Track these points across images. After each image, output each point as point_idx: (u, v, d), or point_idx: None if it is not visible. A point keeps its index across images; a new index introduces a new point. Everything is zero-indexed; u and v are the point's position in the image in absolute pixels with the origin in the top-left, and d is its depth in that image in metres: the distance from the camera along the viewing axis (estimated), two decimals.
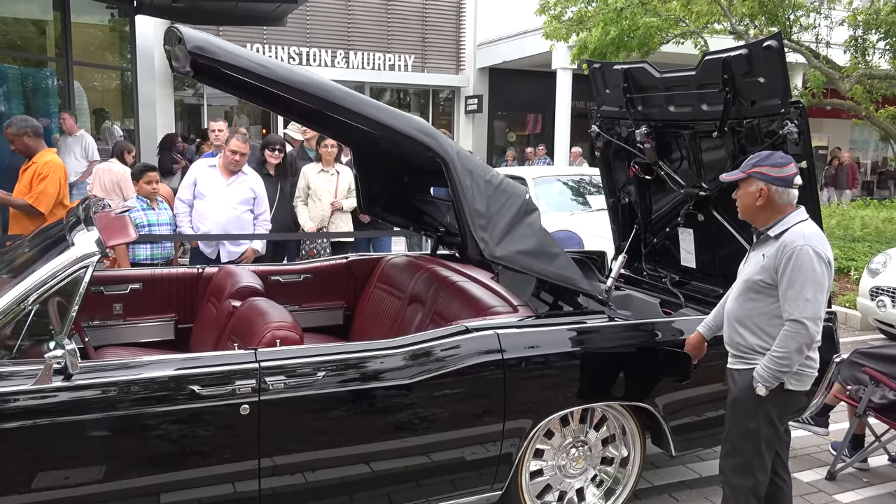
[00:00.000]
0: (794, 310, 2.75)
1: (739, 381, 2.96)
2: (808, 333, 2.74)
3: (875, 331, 6.96)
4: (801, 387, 2.91)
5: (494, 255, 3.13)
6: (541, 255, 3.25)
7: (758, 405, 2.88)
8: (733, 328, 3.02)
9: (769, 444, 2.93)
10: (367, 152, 4.27)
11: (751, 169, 2.89)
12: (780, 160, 2.87)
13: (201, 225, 5.43)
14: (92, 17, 10.71)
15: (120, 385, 2.56)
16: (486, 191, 3.14)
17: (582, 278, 3.39)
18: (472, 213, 3.09)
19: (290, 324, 3.04)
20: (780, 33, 3.35)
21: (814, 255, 2.75)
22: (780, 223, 2.87)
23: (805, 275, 2.74)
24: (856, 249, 9.48)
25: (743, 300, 2.97)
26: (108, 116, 11.35)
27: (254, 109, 17.36)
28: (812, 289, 2.74)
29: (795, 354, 2.77)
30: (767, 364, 2.82)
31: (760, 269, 2.88)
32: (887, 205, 15.59)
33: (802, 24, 11.27)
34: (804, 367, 2.87)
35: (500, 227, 3.15)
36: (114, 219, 3.06)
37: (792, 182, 2.85)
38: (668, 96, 3.83)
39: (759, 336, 2.91)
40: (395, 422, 2.89)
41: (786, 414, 2.98)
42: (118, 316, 4.05)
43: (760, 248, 2.95)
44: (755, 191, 2.89)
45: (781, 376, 2.82)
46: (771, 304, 2.87)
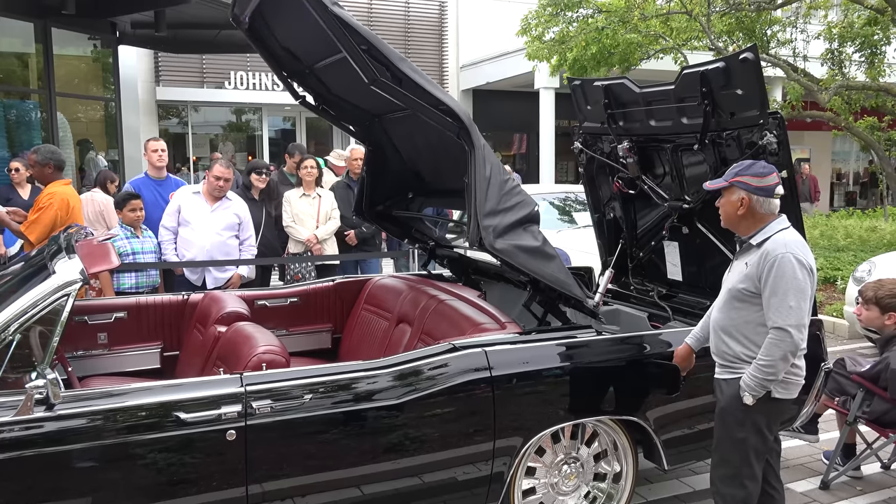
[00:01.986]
0: (778, 318, 2.76)
1: (727, 391, 2.96)
2: (793, 341, 2.74)
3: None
4: (788, 395, 2.91)
5: (494, 246, 3.11)
6: (539, 254, 3.24)
7: (745, 414, 2.88)
8: (719, 338, 3.02)
9: (758, 453, 2.92)
10: (382, 156, 4.27)
11: (733, 178, 2.91)
12: (761, 170, 2.89)
13: (186, 252, 5.40)
14: (74, 48, 10.72)
15: (103, 414, 2.52)
16: (501, 189, 3.15)
17: (575, 284, 3.38)
18: (482, 201, 3.08)
19: (277, 348, 3.02)
20: (755, 45, 3.39)
21: (796, 263, 2.76)
22: (762, 232, 2.89)
23: (788, 282, 2.75)
24: (841, 259, 9.55)
25: (728, 309, 2.98)
26: (92, 147, 11.32)
27: (239, 137, 17.39)
28: (795, 296, 2.75)
29: (781, 362, 2.77)
30: (753, 373, 2.81)
31: (744, 278, 2.89)
32: (870, 214, 15.75)
33: (779, 39, 11.44)
34: (790, 375, 2.87)
35: (505, 223, 3.14)
36: (96, 246, 3.04)
37: (773, 192, 2.87)
38: (649, 111, 3.86)
39: (744, 345, 2.92)
40: (384, 443, 2.86)
41: (774, 422, 2.98)
42: (103, 345, 4.01)
43: (743, 256, 2.96)
44: (737, 200, 2.91)
45: (768, 385, 2.81)
46: (755, 313, 2.87)
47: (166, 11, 9.24)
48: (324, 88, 3.90)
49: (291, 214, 6.36)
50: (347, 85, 3.68)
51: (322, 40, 3.10)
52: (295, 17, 3.25)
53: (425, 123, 3.26)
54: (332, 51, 3.26)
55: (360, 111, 4.06)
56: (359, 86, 3.30)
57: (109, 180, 7.05)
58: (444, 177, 4.09)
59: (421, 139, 3.92)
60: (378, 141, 4.22)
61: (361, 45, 2.92)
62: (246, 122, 17.29)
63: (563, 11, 11.65)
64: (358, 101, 3.93)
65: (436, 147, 3.83)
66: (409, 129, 3.90)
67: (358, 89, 3.57)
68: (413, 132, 3.91)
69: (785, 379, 2.85)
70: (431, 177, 4.24)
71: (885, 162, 10.77)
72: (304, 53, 3.64)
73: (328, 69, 3.60)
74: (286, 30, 3.52)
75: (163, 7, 9.09)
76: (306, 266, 6.31)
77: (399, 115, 3.85)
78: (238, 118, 17.25)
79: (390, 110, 3.83)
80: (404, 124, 3.90)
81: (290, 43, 3.62)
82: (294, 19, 3.29)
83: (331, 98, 3.98)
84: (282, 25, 3.50)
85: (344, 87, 3.77)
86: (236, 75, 15.57)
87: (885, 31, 10.58)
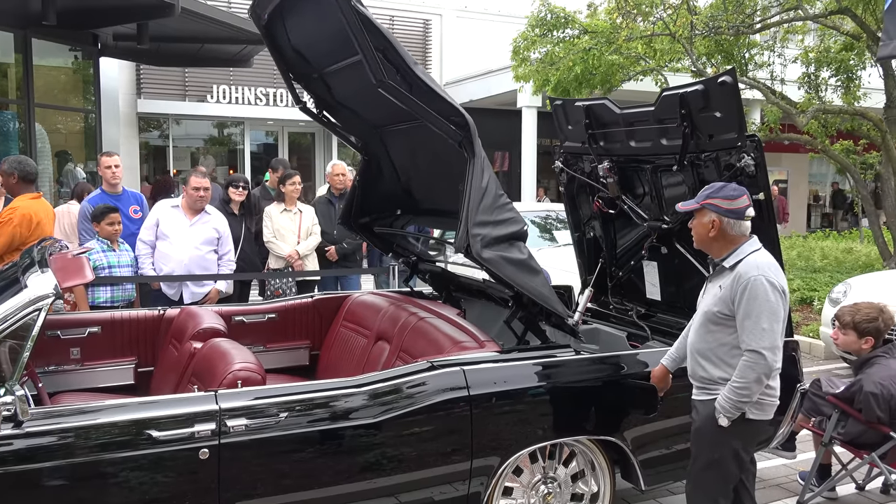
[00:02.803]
0: (752, 340, 2.77)
1: (702, 412, 2.97)
2: (767, 363, 2.75)
3: (838, 360, 7.05)
4: (764, 416, 2.91)
5: (481, 255, 3.08)
6: (525, 267, 3.22)
7: (721, 436, 2.88)
8: (695, 361, 3.03)
9: (733, 474, 2.93)
10: (377, 168, 4.27)
11: (704, 200, 2.93)
12: (732, 192, 2.91)
13: (164, 266, 5.35)
14: (55, 59, 10.64)
15: (73, 431, 2.47)
16: (494, 202, 3.15)
17: (558, 301, 3.38)
18: (475, 210, 3.07)
19: (253, 365, 2.98)
20: (734, 69, 3.44)
21: (768, 285, 2.78)
22: (735, 254, 2.91)
23: (760, 305, 2.76)
24: (817, 280, 9.66)
25: (703, 332, 2.99)
26: (70, 159, 11.21)
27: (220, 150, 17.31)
28: (768, 318, 2.76)
29: (755, 384, 2.78)
30: (728, 395, 2.82)
31: (717, 301, 2.91)
32: (846, 235, 15.97)
33: (757, 63, 11.62)
34: (765, 396, 2.88)
35: (494, 234, 3.13)
36: (70, 260, 3.00)
37: (743, 214, 2.89)
38: (629, 132, 3.89)
39: (720, 367, 2.93)
40: (360, 462, 2.83)
41: (750, 443, 2.99)
42: (75, 360, 3.95)
43: (717, 279, 2.98)
44: (708, 222, 2.93)
45: (742, 406, 2.82)
46: (730, 335, 2.88)
47: (149, 24, 9.20)
48: (328, 94, 3.90)
49: (272, 230, 6.32)
50: (353, 93, 3.71)
51: (336, 42, 3.11)
52: (314, 15, 3.25)
53: (426, 137, 3.25)
54: (344, 54, 3.26)
55: (361, 121, 4.06)
56: (364, 94, 3.33)
57: (87, 193, 6.95)
58: (435, 196, 4.09)
59: (419, 154, 3.92)
60: (375, 153, 4.22)
61: (378, 45, 2.92)
62: (228, 135, 17.22)
63: (551, 32, 11.76)
64: (361, 111, 3.93)
65: (432, 164, 3.83)
66: (409, 142, 3.90)
67: (363, 98, 3.62)
68: (412, 146, 3.91)
69: (759, 400, 2.86)
70: (422, 195, 4.23)
71: (861, 185, 10.93)
72: (314, 56, 3.65)
73: (336, 75, 3.61)
74: (301, 30, 3.51)
75: (146, 20, 9.06)
76: (287, 282, 6.27)
77: (401, 128, 3.84)
78: (220, 132, 17.18)
79: (393, 121, 3.83)
80: (405, 138, 3.90)
81: (303, 45, 3.62)
82: (312, 17, 3.28)
83: (333, 105, 3.98)
84: (298, 25, 3.50)
85: (349, 94, 3.78)
86: (219, 89, 15.52)
87: (861, 57, 10.78)
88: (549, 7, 11.52)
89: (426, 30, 17.82)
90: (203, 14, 9.06)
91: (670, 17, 10.31)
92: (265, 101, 15.99)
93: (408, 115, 3.34)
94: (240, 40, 10.33)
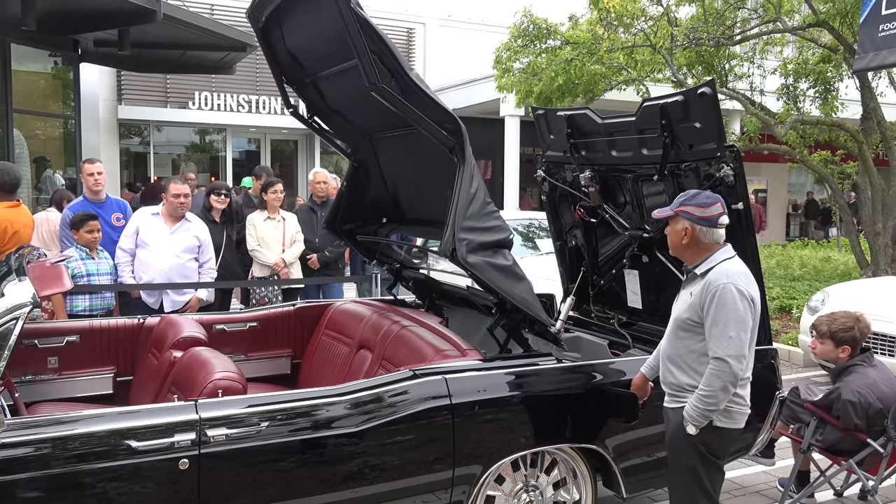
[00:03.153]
0: (718, 348, 2.79)
1: (673, 420, 2.99)
2: (732, 371, 2.77)
3: (817, 367, 7.12)
4: (733, 424, 2.93)
5: (466, 259, 3.08)
6: (509, 273, 3.22)
7: (691, 442, 2.91)
8: (666, 367, 3.05)
9: (711, 478, 2.94)
10: (365, 176, 4.26)
11: (678, 207, 2.96)
12: (705, 200, 2.93)
13: (144, 274, 5.30)
14: (34, 64, 10.54)
15: (50, 442, 2.44)
16: (482, 209, 3.15)
17: (541, 308, 3.39)
18: (462, 214, 3.07)
19: (234, 374, 2.96)
20: (713, 80, 3.48)
21: (736, 293, 2.79)
22: (707, 261, 2.93)
23: (728, 313, 2.78)
24: (796, 288, 9.76)
25: (674, 339, 3.01)
26: (49, 165, 11.10)
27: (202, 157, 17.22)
28: (735, 327, 2.78)
29: (721, 393, 2.79)
30: (695, 403, 2.84)
31: (688, 308, 2.93)
32: (824, 244, 16.17)
33: (737, 74, 11.76)
34: (732, 405, 2.89)
35: (480, 240, 3.13)
36: (48, 268, 2.96)
37: (716, 222, 2.91)
38: (611, 141, 3.93)
39: (689, 374, 2.95)
40: (342, 472, 2.82)
41: (721, 448, 2.97)
42: (53, 370, 3.90)
43: (689, 286, 3.00)
44: (681, 229, 2.95)
45: (710, 415, 2.84)
46: (699, 343, 2.90)
47: (130, 30, 9.14)
48: (320, 100, 3.90)
49: (256, 238, 6.29)
50: (345, 99, 3.72)
51: (332, 46, 3.12)
52: (312, 17, 3.25)
53: (417, 145, 3.24)
54: (339, 59, 3.26)
55: (352, 127, 4.07)
56: (357, 100, 3.33)
57: (66, 199, 6.87)
58: (421, 205, 4.09)
59: (408, 162, 3.92)
60: (364, 160, 4.22)
61: (374, 48, 2.93)
62: (209, 142, 17.13)
63: (533, 42, 11.84)
64: (353, 118, 3.94)
65: (420, 173, 3.83)
66: (399, 150, 3.90)
67: (355, 104, 3.64)
68: (402, 154, 3.91)
69: (727, 408, 2.88)
70: (408, 204, 4.22)
71: (838, 195, 11.08)
72: (309, 61, 3.65)
73: (329, 80, 3.62)
74: (298, 33, 3.52)
75: (127, 26, 8.99)
76: (273, 290, 6.24)
77: (392, 135, 3.84)
78: (201, 139, 17.09)
79: (384, 128, 3.84)
80: (395, 145, 3.90)
81: (298, 48, 3.63)
82: (310, 20, 3.29)
83: (325, 110, 3.98)
84: (295, 28, 3.50)
85: (341, 100, 3.79)
86: (200, 95, 15.45)
87: (838, 69, 10.95)
88: (531, 18, 11.60)
89: (410, 38, 17.87)
90: (185, 21, 9.01)
91: (651, 28, 10.42)
92: (247, 108, 15.93)
93: (400, 122, 3.35)
94: (222, 47, 10.29)
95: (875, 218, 9.86)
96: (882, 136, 10.12)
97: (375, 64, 2.93)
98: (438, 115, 3.09)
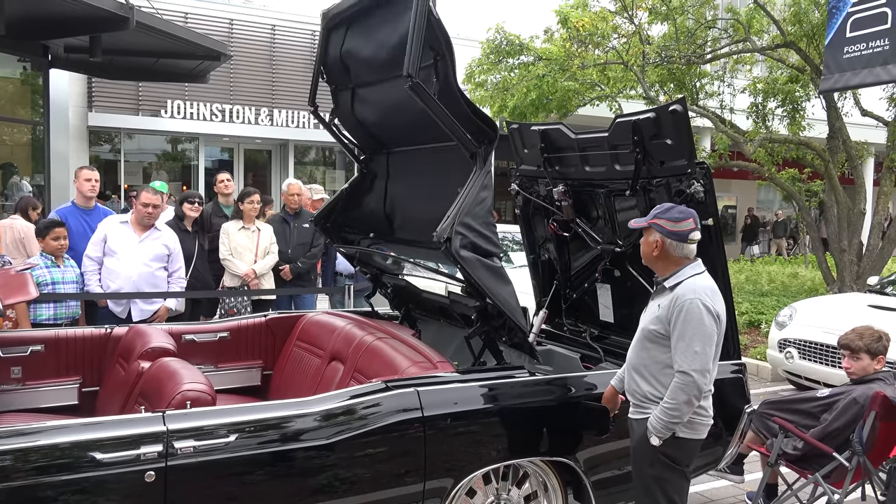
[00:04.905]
0: (684, 362, 2.82)
1: (637, 430, 3.02)
2: (696, 385, 2.80)
3: (784, 381, 7.23)
4: (695, 435, 2.96)
5: (459, 252, 3.05)
6: (497, 275, 3.20)
7: (654, 452, 2.94)
8: (631, 376, 3.09)
9: (675, 486, 2.96)
10: (369, 187, 4.28)
11: (651, 219, 3.00)
12: (677, 215, 2.97)
13: (111, 283, 5.22)
14: (3, 69, 10.36)
15: (11, 454, 2.38)
16: (485, 217, 3.15)
17: (522, 315, 3.38)
18: (466, 212, 3.07)
19: (203, 385, 2.92)
20: (684, 98, 3.54)
21: (703, 309, 2.83)
22: (676, 275, 2.97)
23: (694, 328, 2.82)
24: (764, 303, 9.91)
25: (639, 349, 3.05)
26: (16, 171, 10.90)
27: (174, 166, 17.04)
28: (701, 341, 2.81)
29: (685, 406, 2.83)
30: (659, 415, 2.88)
31: (655, 320, 2.96)
32: (792, 260, 16.45)
33: (708, 92, 11.98)
34: (696, 416, 2.93)
35: (475, 241, 3.11)
36: (13, 276, 2.91)
37: (687, 237, 2.95)
38: (584, 156, 3.96)
39: (652, 385, 2.98)
40: (312, 484, 2.79)
41: (684, 458, 2.99)
42: (16, 380, 3.81)
43: (657, 298, 3.04)
44: (653, 241, 3.00)
45: (673, 427, 2.88)
46: (664, 354, 2.94)
47: (102, 37, 9.03)
48: (350, 107, 3.97)
49: (229, 247, 6.23)
50: (377, 111, 3.80)
51: (390, 56, 3.21)
52: (384, 24, 3.33)
53: (431, 165, 3.25)
54: (390, 72, 3.31)
55: (373, 140, 4.12)
56: (388, 114, 3.52)
57: (32, 207, 6.74)
58: (413, 229, 4.07)
59: (415, 183, 3.91)
60: (374, 171, 4.25)
61: (435, 47, 3.05)
62: (182, 151, 16.95)
63: (505, 59, 11.94)
64: (376, 130, 3.99)
65: (423, 196, 3.81)
66: (411, 169, 3.93)
67: (385, 118, 3.75)
68: (412, 173, 3.93)
69: (690, 420, 2.91)
70: (400, 224, 4.18)
71: (805, 212, 11.30)
72: (358, 69, 3.72)
73: (369, 90, 3.72)
74: (360, 40, 3.58)
75: (99, 33, 8.88)
76: (242, 300, 6.17)
77: (410, 151, 3.90)
78: (173, 147, 16.91)
79: (405, 145, 3.89)
80: (409, 164, 3.94)
81: (354, 56, 3.69)
82: (381, 27, 3.36)
83: (350, 119, 4.05)
84: (360, 34, 3.58)
85: (372, 112, 3.86)
86: (173, 104, 15.30)
87: (805, 89, 11.20)
88: (504, 34, 11.71)
89: None
90: (158, 28, 8.91)
91: (623, 46, 10.57)
92: (220, 118, 15.81)
93: (422, 139, 3.49)
94: (196, 56, 10.20)
95: (841, 235, 10.07)
96: (847, 156, 10.36)
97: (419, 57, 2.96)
98: (469, 125, 3.14)
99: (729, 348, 3.64)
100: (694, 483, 4.07)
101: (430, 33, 3.00)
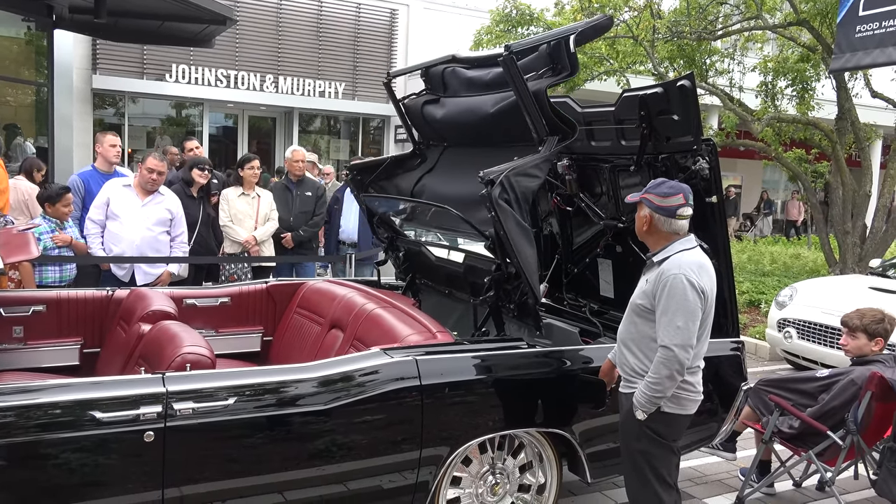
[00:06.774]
0: (666, 337, 2.83)
1: (625, 405, 3.05)
2: (678, 359, 2.81)
3: (782, 361, 7.26)
4: (682, 411, 2.97)
5: (497, 201, 3.06)
6: (527, 235, 3.22)
7: (640, 427, 2.97)
8: (620, 350, 3.12)
9: (662, 461, 2.99)
10: (414, 167, 4.35)
11: (643, 194, 2.99)
12: (666, 190, 2.96)
13: (114, 246, 5.23)
14: (6, 29, 10.29)
15: (14, 410, 2.41)
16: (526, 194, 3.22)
17: (538, 281, 3.39)
18: (516, 173, 3.13)
19: (203, 348, 2.94)
20: (692, 73, 3.50)
21: (687, 284, 2.83)
22: (665, 250, 2.97)
23: (678, 303, 2.82)
24: (765, 283, 9.91)
25: (628, 323, 3.06)
26: (19, 133, 10.86)
27: (178, 131, 16.98)
28: (684, 316, 2.81)
29: (667, 381, 2.84)
30: (643, 390, 2.90)
31: (642, 294, 2.98)
32: (794, 242, 16.42)
33: (717, 69, 11.85)
34: (682, 391, 2.94)
35: (515, 198, 3.15)
36: (14, 235, 2.92)
37: (675, 213, 2.94)
38: (589, 131, 3.94)
39: (639, 358, 3.01)
40: (309, 449, 2.82)
41: (672, 432, 3.01)
42: (18, 339, 3.84)
43: (647, 272, 3.05)
44: (643, 216, 3.00)
45: (657, 401, 2.90)
46: (650, 329, 2.95)
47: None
48: (436, 98, 4.10)
49: (229, 213, 6.22)
50: (447, 112, 3.95)
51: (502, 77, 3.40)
52: None
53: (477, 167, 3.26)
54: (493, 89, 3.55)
55: (435, 134, 4.24)
56: (459, 115, 3.74)
57: (36, 168, 6.75)
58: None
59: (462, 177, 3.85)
60: (425, 156, 4.34)
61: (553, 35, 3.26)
62: (186, 116, 16.87)
63: (515, 28, 11.81)
64: (440, 127, 4.09)
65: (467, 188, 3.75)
66: (457, 168, 3.97)
67: (453, 119, 3.90)
68: (457, 172, 3.94)
69: (676, 395, 2.92)
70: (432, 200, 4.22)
71: (811, 193, 11.24)
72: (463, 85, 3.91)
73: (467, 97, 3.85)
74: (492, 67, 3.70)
75: None
76: (242, 267, 6.19)
77: (466, 150, 3.98)
78: (178, 112, 16.83)
79: (466, 143, 4.00)
80: (458, 162, 4.00)
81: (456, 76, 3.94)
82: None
83: (418, 114, 4.17)
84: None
85: (441, 112, 4.00)
86: (178, 68, 15.19)
87: (816, 69, 11.07)
88: (514, 3, 11.57)
89: (392, 20, 17.71)
90: None
91: (633, 19, 10.44)
92: (225, 84, 15.70)
93: (486, 140, 3.67)
94: (202, 20, 10.11)
95: (845, 217, 10.04)
96: (855, 137, 10.27)
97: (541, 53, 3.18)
98: (548, 118, 3.25)
99: (728, 326, 3.65)
100: (687, 458, 4.12)
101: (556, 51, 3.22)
